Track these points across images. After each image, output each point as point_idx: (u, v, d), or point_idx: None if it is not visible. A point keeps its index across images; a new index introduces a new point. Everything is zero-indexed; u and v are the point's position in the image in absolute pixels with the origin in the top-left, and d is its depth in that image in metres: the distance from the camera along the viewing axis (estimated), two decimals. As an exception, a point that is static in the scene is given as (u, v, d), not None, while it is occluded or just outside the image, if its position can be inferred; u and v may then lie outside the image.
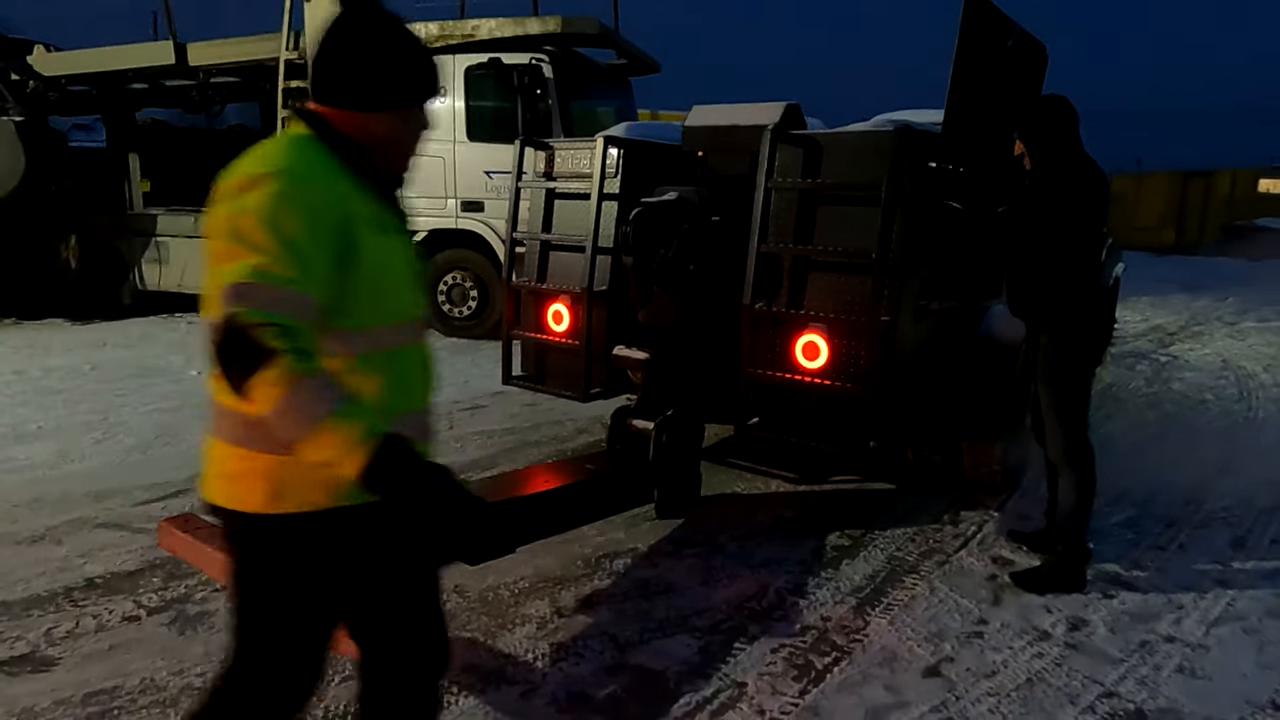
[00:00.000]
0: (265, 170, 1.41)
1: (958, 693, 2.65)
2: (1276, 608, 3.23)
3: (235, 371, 1.32)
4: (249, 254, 1.33)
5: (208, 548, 2.52)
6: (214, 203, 1.41)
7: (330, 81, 1.53)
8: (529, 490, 3.25)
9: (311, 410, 1.31)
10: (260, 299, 1.32)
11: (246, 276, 1.32)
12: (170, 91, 10.08)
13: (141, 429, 5.30)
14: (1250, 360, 8.17)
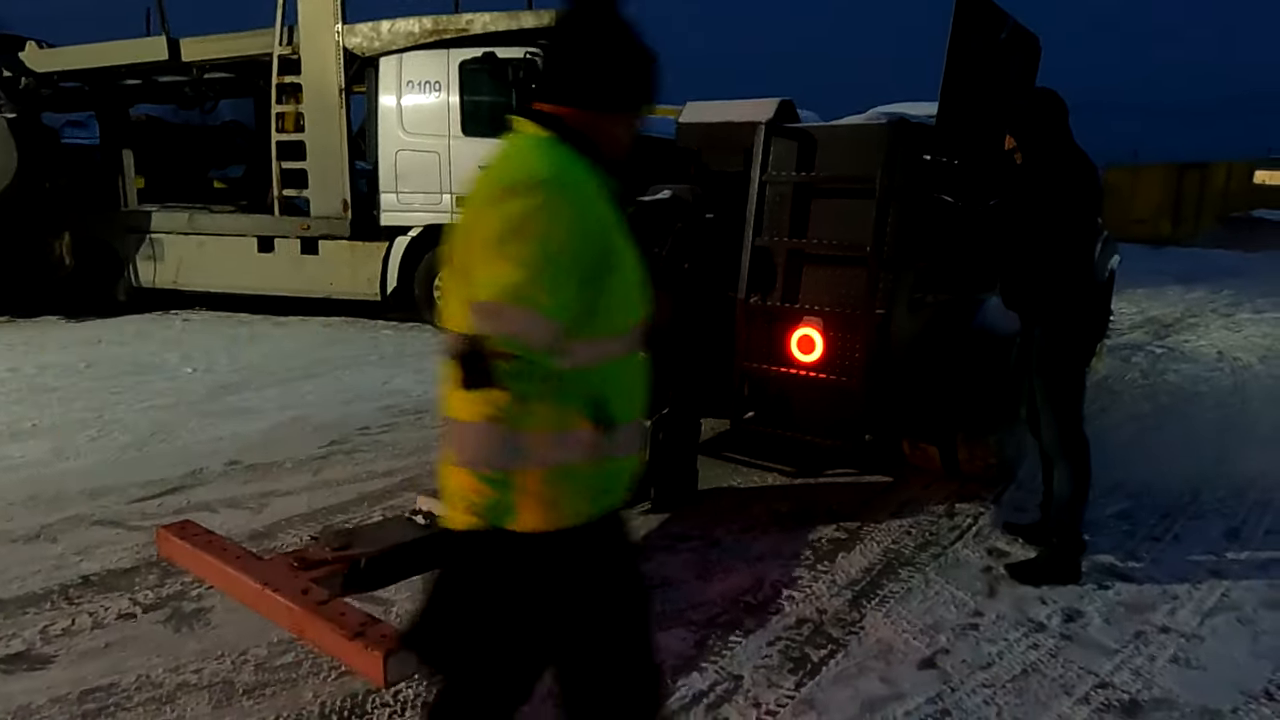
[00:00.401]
0: (531, 178, 1.37)
1: (953, 684, 2.66)
2: (1271, 598, 3.24)
3: (461, 377, 1.32)
4: (509, 268, 1.31)
5: (206, 555, 2.52)
6: (473, 206, 1.39)
7: (577, 81, 1.47)
8: None
9: (486, 453, 1.32)
10: (511, 325, 1.30)
11: (503, 296, 1.30)
12: (164, 88, 10.04)
13: (137, 426, 5.29)
14: (1245, 352, 8.19)
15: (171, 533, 2.66)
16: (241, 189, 11.20)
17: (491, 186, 1.38)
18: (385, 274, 8.64)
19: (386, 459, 4.70)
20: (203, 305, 9.91)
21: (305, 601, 2.24)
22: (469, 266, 1.36)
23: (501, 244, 1.32)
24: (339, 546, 2.55)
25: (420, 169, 8.30)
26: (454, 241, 1.43)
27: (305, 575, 2.39)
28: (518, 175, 1.37)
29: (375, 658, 2.01)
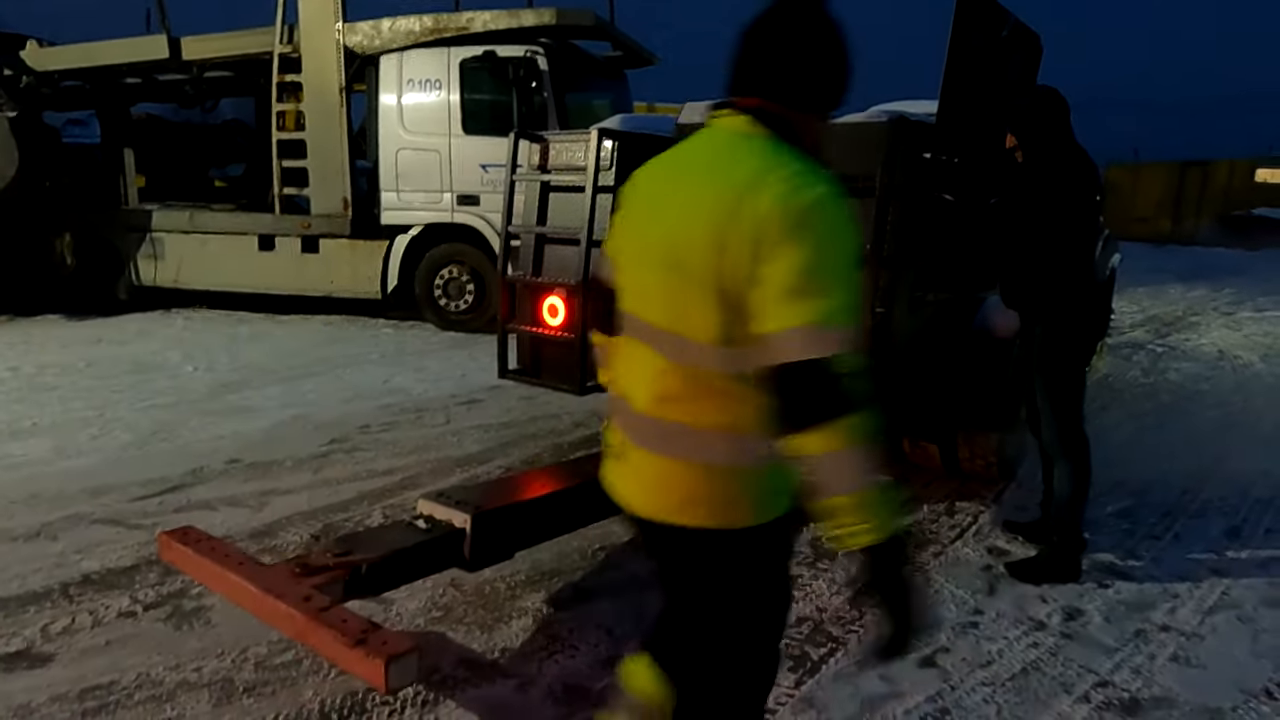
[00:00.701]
0: (824, 189, 1.34)
1: (953, 682, 2.66)
2: (1271, 596, 3.24)
3: (808, 415, 1.29)
4: (834, 289, 1.30)
5: (207, 561, 2.53)
6: (778, 213, 1.32)
7: (801, 83, 1.46)
8: (528, 495, 3.24)
9: (865, 475, 1.30)
10: (848, 343, 1.30)
11: (839, 319, 1.30)
12: (164, 86, 10.03)
13: (138, 425, 5.29)
14: (1246, 350, 8.18)
15: (173, 538, 2.67)
16: (242, 187, 11.19)
17: (791, 200, 1.32)
18: (386, 273, 8.63)
19: (387, 457, 4.70)
20: (204, 304, 9.91)
21: (307, 608, 2.25)
22: (787, 290, 1.30)
23: (820, 265, 1.31)
24: (340, 552, 2.56)
25: (421, 167, 8.29)
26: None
27: (307, 581, 2.40)
28: (806, 188, 1.33)
29: (377, 665, 2.02)
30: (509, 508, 3.05)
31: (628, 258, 1.60)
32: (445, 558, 2.84)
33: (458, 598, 3.12)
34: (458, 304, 8.59)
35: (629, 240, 1.60)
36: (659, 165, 1.60)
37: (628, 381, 1.59)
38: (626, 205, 1.64)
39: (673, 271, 1.43)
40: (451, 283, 8.55)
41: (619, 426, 1.63)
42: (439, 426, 5.31)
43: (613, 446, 1.66)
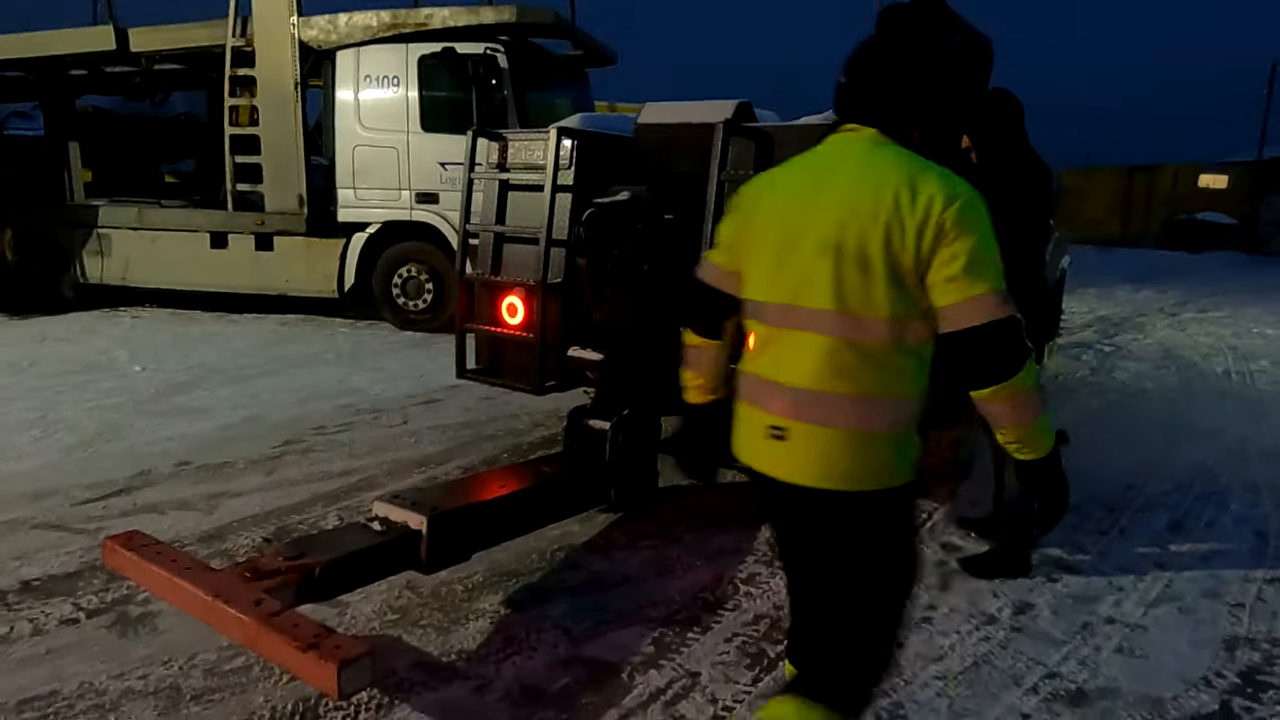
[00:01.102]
0: (969, 187, 1.65)
1: (906, 677, 2.70)
2: (1210, 588, 3.35)
3: (1000, 365, 1.63)
4: (997, 264, 1.63)
5: (153, 566, 2.46)
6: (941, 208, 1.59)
7: (912, 104, 1.76)
8: (485, 496, 3.21)
9: (1040, 406, 1.68)
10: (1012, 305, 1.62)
11: (1005, 286, 1.61)
12: (112, 78, 9.78)
13: (82, 426, 5.14)
14: (1190, 350, 8.45)
15: (118, 543, 2.59)
16: (194, 183, 10.94)
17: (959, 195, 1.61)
18: (343, 271, 8.51)
19: (342, 459, 4.63)
20: (153, 302, 9.66)
21: (257, 613, 2.20)
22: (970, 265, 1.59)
23: (985, 249, 1.61)
24: (292, 555, 2.52)
25: (379, 164, 8.18)
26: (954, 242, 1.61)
27: (257, 586, 2.35)
28: (959, 188, 1.62)
29: (329, 670, 1.99)
30: (466, 509, 3.02)
31: (773, 252, 1.74)
32: (401, 560, 2.80)
33: (413, 600, 3.08)
34: (416, 303, 8.50)
35: (772, 236, 1.75)
36: (794, 169, 1.81)
37: (779, 366, 1.72)
38: (759, 205, 1.82)
39: (839, 258, 1.63)
40: (410, 281, 8.46)
41: (773, 410, 1.73)
42: (396, 427, 5.25)
43: (761, 429, 1.75)
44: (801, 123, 3.81)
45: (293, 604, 2.40)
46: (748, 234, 1.82)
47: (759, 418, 1.76)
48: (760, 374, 1.77)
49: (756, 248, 1.79)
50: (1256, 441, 5.35)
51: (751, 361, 1.81)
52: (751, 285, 1.81)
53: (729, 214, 1.94)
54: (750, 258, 1.81)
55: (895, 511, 1.77)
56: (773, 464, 1.76)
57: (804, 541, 1.86)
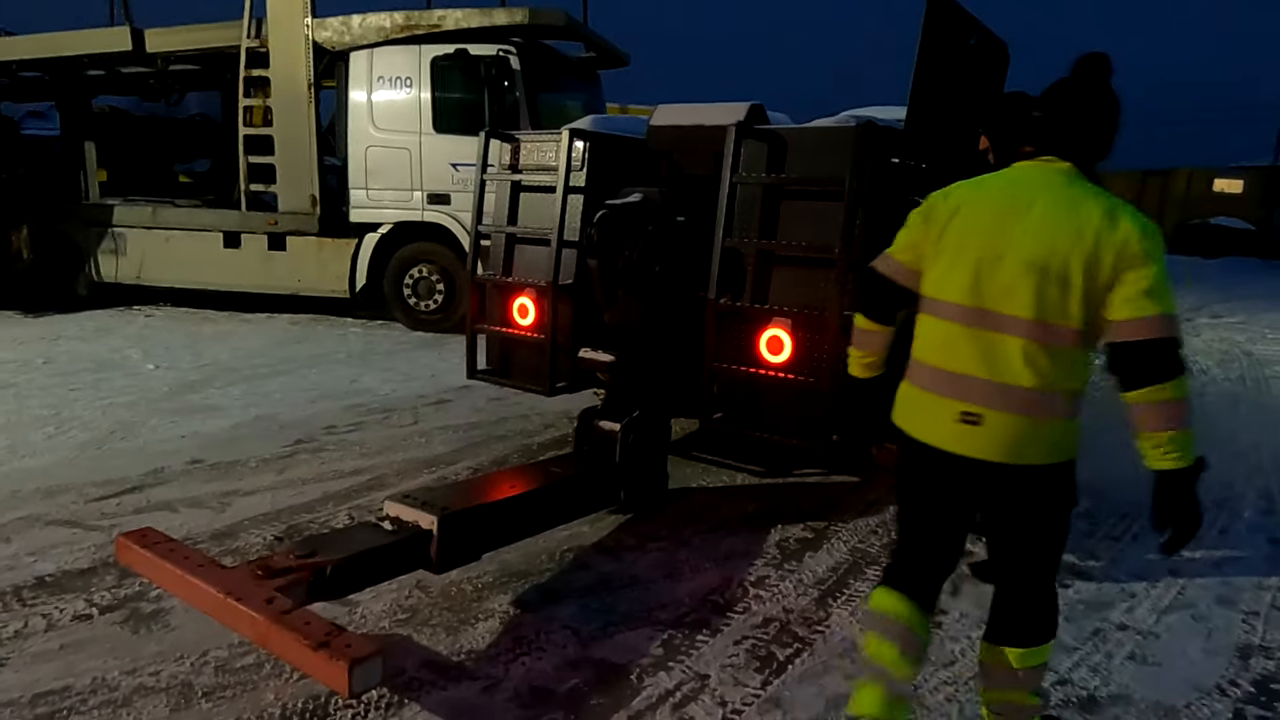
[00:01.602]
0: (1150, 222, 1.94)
1: (916, 682, 2.68)
2: (1224, 595, 3.32)
3: (1157, 373, 1.90)
4: (1171, 292, 1.91)
5: (166, 563, 2.47)
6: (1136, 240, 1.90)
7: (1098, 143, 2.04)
8: (495, 496, 3.22)
9: (1184, 418, 1.93)
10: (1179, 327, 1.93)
11: (1174, 309, 1.91)
12: (128, 79, 9.84)
13: (96, 424, 5.18)
14: (1203, 356, 8.38)
15: (131, 540, 2.61)
16: (207, 183, 11.01)
17: (1149, 231, 1.92)
18: (354, 271, 8.54)
19: (353, 458, 4.65)
20: (166, 301, 9.73)
21: (269, 611, 2.21)
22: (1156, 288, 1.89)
23: (1164, 274, 1.90)
24: (304, 554, 2.52)
25: (391, 165, 8.22)
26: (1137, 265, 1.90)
27: (269, 584, 2.36)
28: (1148, 224, 1.92)
29: (340, 668, 2.00)
30: (476, 509, 3.03)
31: (971, 262, 2.02)
32: (411, 559, 2.81)
33: (423, 599, 3.09)
34: (427, 303, 8.52)
35: (972, 247, 2.03)
36: (992, 191, 2.09)
37: (974, 362, 2.03)
38: (957, 217, 2.08)
39: (1042, 277, 1.93)
40: (421, 282, 8.48)
41: (968, 399, 2.03)
42: (406, 427, 5.26)
43: (951, 415, 2.06)
44: (814, 125, 3.81)
45: (304, 602, 2.41)
46: (941, 240, 2.09)
47: (949, 405, 2.06)
48: (949, 367, 2.07)
49: (951, 254, 2.07)
50: (1271, 448, 5.30)
51: (937, 354, 2.10)
52: (942, 287, 2.09)
53: (918, 218, 2.17)
54: (940, 262, 2.09)
55: (1065, 479, 2.12)
56: (964, 445, 2.05)
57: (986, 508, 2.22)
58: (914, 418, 2.17)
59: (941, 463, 2.10)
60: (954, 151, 3.98)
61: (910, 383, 2.19)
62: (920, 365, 2.15)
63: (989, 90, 4.24)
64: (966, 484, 2.15)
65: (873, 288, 2.30)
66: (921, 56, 3.45)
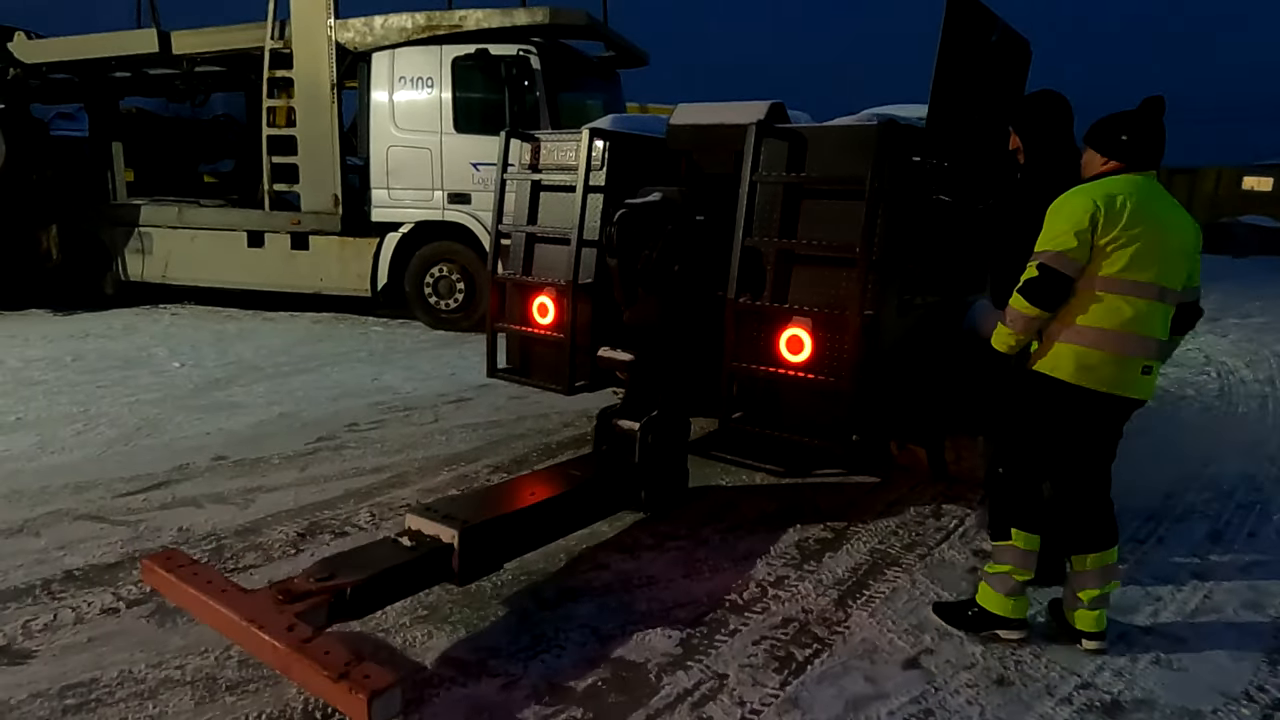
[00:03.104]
0: None
1: (937, 684, 2.67)
2: (1251, 600, 3.27)
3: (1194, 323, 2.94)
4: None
5: (189, 588, 2.51)
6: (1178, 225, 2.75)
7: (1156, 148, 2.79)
8: (516, 505, 3.23)
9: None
10: None
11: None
12: (154, 80, 9.97)
13: (123, 421, 5.26)
14: (1232, 356, 8.25)
15: (156, 563, 2.66)
16: (232, 183, 11.14)
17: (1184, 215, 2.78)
18: (376, 270, 8.61)
19: (374, 456, 4.69)
20: (191, 300, 9.86)
21: (290, 639, 2.26)
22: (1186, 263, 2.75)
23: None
24: (323, 576, 2.55)
25: (412, 165, 8.27)
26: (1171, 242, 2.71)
27: (290, 609, 2.40)
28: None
29: (359, 701, 2.04)
30: (497, 520, 3.05)
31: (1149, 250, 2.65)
32: (433, 574, 2.84)
33: (443, 597, 3.10)
34: (448, 302, 8.57)
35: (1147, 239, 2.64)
36: (1135, 197, 2.66)
37: (1151, 325, 2.70)
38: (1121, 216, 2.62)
39: (1189, 260, 2.75)
40: (442, 281, 8.54)
41: (1149, 355, 2.72)
42: (427, 425, 5.30)
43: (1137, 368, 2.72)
44: (835, 124, 3.79)
45: (325, 625, 2.45)
46: (1110, 236, 2.62)
47: (1137, 361, 2.70)
48: (1137, 331, 2.68)
49: (1127, 246, 2.62)
50: (1301, 451, 5.21)
51: (1127, 323, 2.67)
52: (1126, 270, 2.64)
53: (1082, 220, 2.63)
54: (1118, 253, 2.63)
55: None
56: (1141, 390, 2.75)
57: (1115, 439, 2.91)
58: (1101, 375, 2.70)
59: (1121, 408, 2.79)
60: (976, 149, 3.95)
61: (1093, 348, 2.69)
62: (1108, 331, 2.67)
63: (1011, 88, 4.20)
64: (1122, 421, 2.86)
65: (1055, 285, 2.68)
66: (943, 54, 3.42)
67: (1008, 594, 2.89)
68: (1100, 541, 2.89)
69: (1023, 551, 2.88)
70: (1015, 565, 2.89)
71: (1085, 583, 2.89)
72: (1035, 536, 2.88)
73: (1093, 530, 2.89)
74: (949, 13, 3.39)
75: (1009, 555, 2.90)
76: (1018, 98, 4.01)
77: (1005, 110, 3.71)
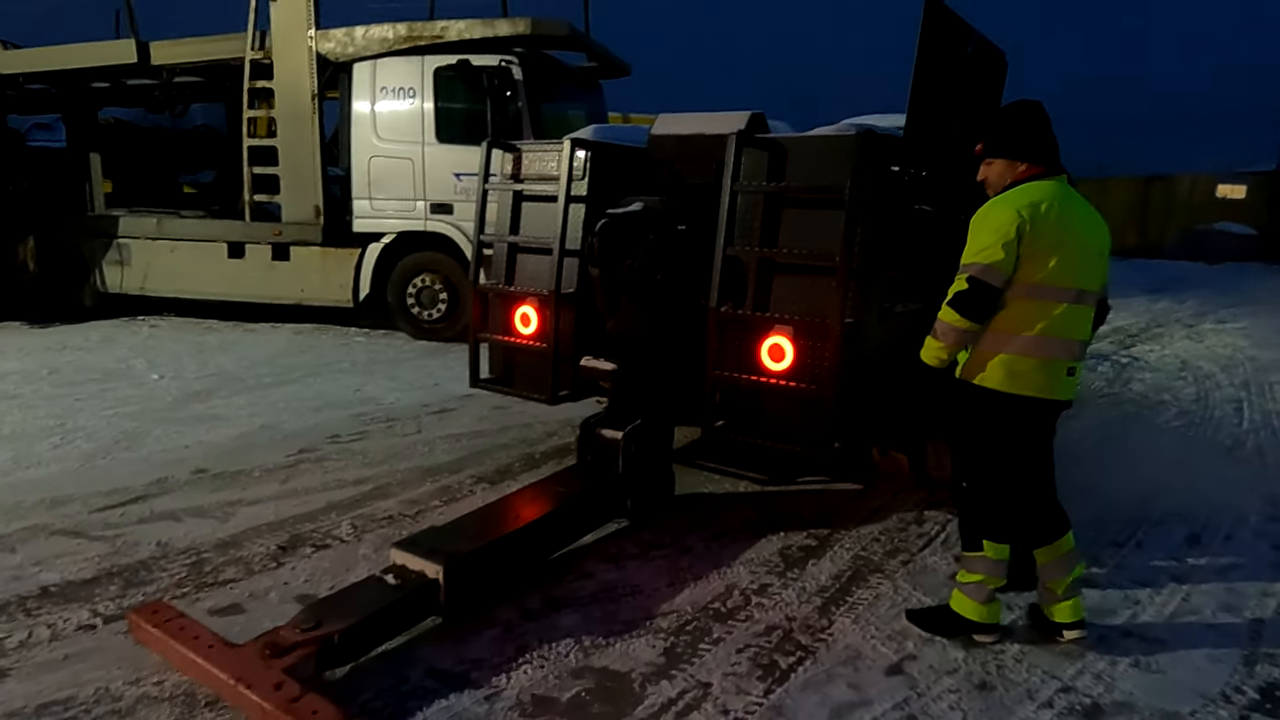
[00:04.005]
0: None
1: (919, 690, 2.68)
2: (1229, 602, 3.31)
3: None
4: None
5: (177, 644, 2.50)
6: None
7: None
8: (501, 530, 3.22)
9: None
10: None
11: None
12: (133, 91, 9.91)
13: (101, 434, 5.20)
14: (1208, 361, 8.36)
15: (142, 617, 2.65)
16: (212, 194, 11.06)
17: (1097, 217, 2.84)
18: (358, 281, 8.58)
19: (356, 467, 4.66)
20: (171, 311, 9.78)
21: (278, 699, 2.26)
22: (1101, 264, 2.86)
23: None
24: (309, 625, 2.53)
25: (394, 175, 8.26)
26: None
27: (277, 665, 2.40)
28: None
29: None
30: (483, 550, 3.05)
31: (1072, 255, 2.70)
32: (420, 611, 2.84)
33: (426, 608, 3.08)
34: (431, 313, 8.55)
35: (1069, 244, 2.71)
36: (1053, 202, 2.70)
37: (1074, 328, 2.78)
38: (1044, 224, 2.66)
39: (1103, 259, 2.81)
40: (424, 291, 8.51)
41: (1073, 357, 2.80)
42: (410, 436, 5.27)
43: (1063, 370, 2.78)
44: (814, 133, 3.82)
45: (314, 676, 2.45)
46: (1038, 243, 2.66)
47: (1062, 364, 2.76)
48: (1061, 335, 2.73)
49: (1050, 252, 2.67)
50: (1275, 454, 5.29)
51: (1052, 327, 2.71)
52: (1050, 276, 2.68)
53: (1009, 232, 2.65)
54: (1042, 260, 2.67)
55: None
56: (1066, 392, 2.82)
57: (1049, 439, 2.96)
58: (1030, 380, 2.74)
59: (1051, 410, 2.82)
60: (954, 159, 3.99)
61: (1021, 354, 2.72)
62: (1032, 337, 2.71)
63: (988, 98, 4.26)
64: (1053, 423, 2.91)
65: (986, 298, 2.70)
66: (920, 64, 3.46)
67: (983, 601, 2.94)
68: (1053, 533, 2.96)
69: (994, 561, 2.92)
70: (988, 574, 2.93)
71: (1052, 574, 2.96)
72: (1005, 546, 2.93)
73: (1044, 524, 2.97)
74: (925, 24, 3.44)
75: (981, 565, 2.94)
76: (995, 109, 4.07)
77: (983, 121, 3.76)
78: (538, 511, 3.43)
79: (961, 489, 3.01)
